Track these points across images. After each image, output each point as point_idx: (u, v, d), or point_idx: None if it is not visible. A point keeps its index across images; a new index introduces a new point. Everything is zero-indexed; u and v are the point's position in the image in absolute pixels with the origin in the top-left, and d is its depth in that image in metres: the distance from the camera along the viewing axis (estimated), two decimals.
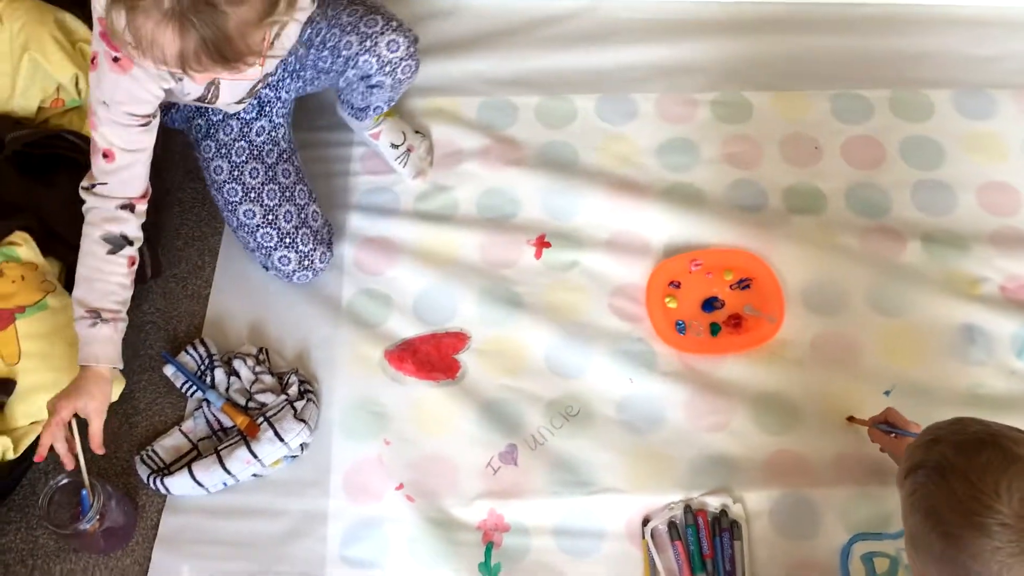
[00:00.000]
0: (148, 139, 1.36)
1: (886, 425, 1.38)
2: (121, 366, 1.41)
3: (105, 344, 1.37)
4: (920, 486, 1.01)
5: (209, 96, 1.18)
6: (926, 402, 1.49)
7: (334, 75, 1.59)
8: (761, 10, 1.97)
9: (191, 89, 1.34)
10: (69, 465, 1.34)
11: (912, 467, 1.04)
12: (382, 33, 1.52)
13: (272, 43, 1.18)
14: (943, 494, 0.98)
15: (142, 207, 1.41)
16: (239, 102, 1.47)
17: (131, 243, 1.39)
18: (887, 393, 1.53)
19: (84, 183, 1.38)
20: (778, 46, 1.92)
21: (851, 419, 1.49)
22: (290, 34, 1.37)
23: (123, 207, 1.38)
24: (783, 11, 1.96)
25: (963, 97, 1.83)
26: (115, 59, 1.26)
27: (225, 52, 1.09)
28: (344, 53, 1.53)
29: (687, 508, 1.45)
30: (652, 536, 1.43)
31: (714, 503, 1.45)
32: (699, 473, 1.48)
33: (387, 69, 1.54)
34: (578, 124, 1.85)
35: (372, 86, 1.59)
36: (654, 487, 1.47)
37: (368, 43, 1.51)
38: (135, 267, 1.41)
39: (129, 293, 1.41)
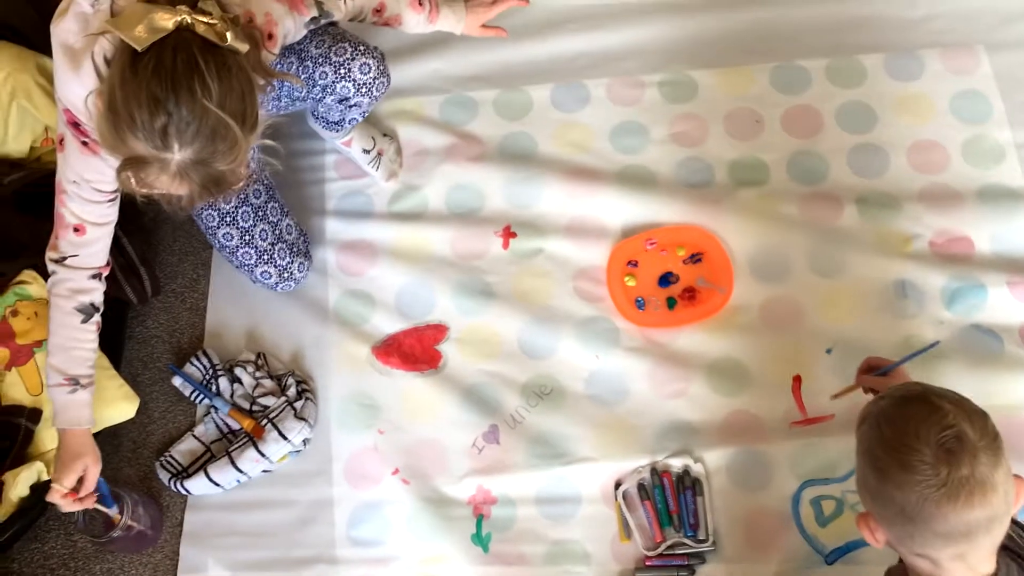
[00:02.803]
0: (114, 212, 1.44)
1: (872, 372, 1.46)
2: (94, 426, 1.49)
3: (83, 408, 1.45)
4: (863, 433, 1.18)
5: None
6: (864, 356, 1.57)
7: (311, 102, 1.69)
8: None
9: None
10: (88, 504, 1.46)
11: (861, 419, 1.21)
12: (352, 59, 1.60)
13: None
14: (877, 437, 1.14)
15: (106, 274, 1.48)
16: None
17: (98, 310, 1.47)
18: (828, 351, 1.67)
19: (52, 255, 1.42)
20: (719, 23, 1.98)
21: (836, 396, 1.53)
22: None
23: (93, 276, 1.45)
24: None
25: (894, 60, 1.90)
26: (84, 143, 1.33)
27: (222, 187, 1.24)
28: (320, 83, 1.61)
29: (653, 470, 1.61)
30: (624, 498, 1.59)
31: (677, 464, 1.61)
32: (663, 438, 1.63)
33: (363, 90, 1.63)
34: (535, 114, 1.94)
35: (351, 106, 1.68)
36: (623, 453, 1.63)
37: (342, 71, 1.60)
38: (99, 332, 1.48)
39: (96, 357, 1.48)
